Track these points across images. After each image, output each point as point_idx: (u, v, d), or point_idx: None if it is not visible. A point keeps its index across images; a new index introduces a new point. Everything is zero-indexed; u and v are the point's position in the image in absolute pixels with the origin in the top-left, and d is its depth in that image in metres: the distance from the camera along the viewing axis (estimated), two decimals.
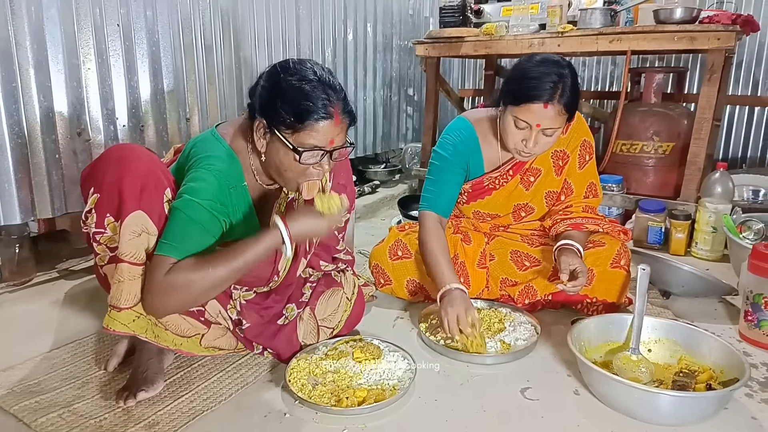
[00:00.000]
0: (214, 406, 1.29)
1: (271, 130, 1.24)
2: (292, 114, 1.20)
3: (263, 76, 1.27)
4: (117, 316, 1.22)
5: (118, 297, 1.22)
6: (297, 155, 1.22)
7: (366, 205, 3.12)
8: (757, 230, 2.19)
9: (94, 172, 1.27)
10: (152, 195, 1.23)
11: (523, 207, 1.82)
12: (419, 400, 1.33)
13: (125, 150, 1.27)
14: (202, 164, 1.27)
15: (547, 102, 1.49)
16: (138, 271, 1.23)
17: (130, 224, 1.21)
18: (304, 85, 1.20)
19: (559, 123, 1.53)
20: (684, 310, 1.85)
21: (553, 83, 1.48)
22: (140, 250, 1.22)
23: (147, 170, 1.23)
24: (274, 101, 1.22)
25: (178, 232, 1.20)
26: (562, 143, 1.74)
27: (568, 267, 1.57)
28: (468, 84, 4.41)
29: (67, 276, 1.92)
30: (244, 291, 1.47)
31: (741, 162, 3.42)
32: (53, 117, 1.79)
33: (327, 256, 1.66)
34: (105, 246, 1.26)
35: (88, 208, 1.26)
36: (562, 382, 1.42)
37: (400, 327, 1.73)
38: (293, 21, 2.74)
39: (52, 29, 1.74)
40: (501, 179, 1.77)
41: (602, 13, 2.59)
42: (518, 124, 1.55)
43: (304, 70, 1.23)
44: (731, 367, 1.33)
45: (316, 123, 1.20)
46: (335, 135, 1.24)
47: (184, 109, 2.21)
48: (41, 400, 1.30)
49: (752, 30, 2.58)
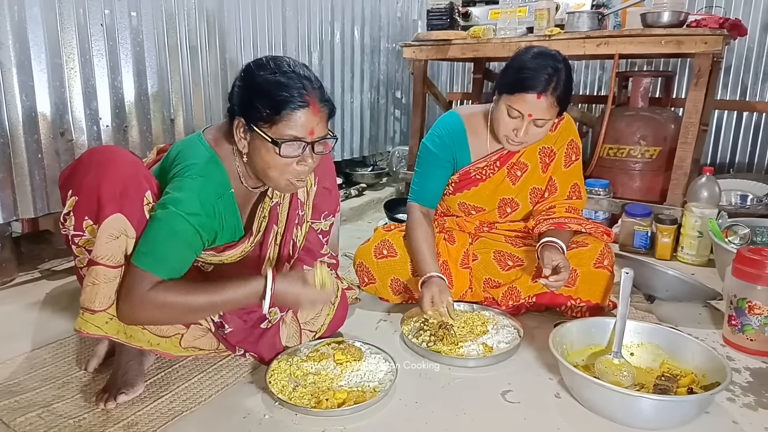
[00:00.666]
0: (193, 407, 1.28)
1: (251, 128, 1.23)
2: (269, 106, 1.19)
3: (238, 76, 1.27)
4: (90, 319, 1.21)
5: (92, 299, 1.21)
6: (277, 147, 1.20)
7: (352, 207, 3.11)
8: (742, 235, 2.20)
9: (73, 175, 1.25)
10: (132, 198, 1.21)
11: (509, 202, 1.83)
12: (400, 402, 1.32)
13: (105, 152, 1.25)
14: (188, 173, 1.25)
15: (541, 93, 1.53)
16: (113, 274, 1.22)
17: (108, 227, 1.19)
18: (279, 77, 1.20)
19: (550, 115, 1.57)
20: (668, 315, 1.85)
21: (548, 75, 1.53)
22: (117, 253, 1.21)
23: (126, 173, 1.22)
24: (250, 97, 1.21)
25: (160, 246, 1.19)
26: (550, 140, 1.77)
27: (551, 262, 1.58)
28: (456, 87, 4.42)
29: (49, 276, 1.90)
30: None
31: (729, 167, 3.45)
32: (36, 117, 1.78)
33: (310, 261, 1.64)
34: (83, 248, 1.25)
35: (66, 211, 1.25)
36: (544, 385, 1.41)
37: (383, 329, 1.73)
38: (279, 23, 2.74)
39: (34, 28, 1.73)
40: (488, 170, 1.78)
41: (590, 16, 2.60)
42: (511, 112, 1.58)
43: (278, 64, 1.23)
44: (713, 372, 1.33)
45: (293, 112, 1.19)
46: (314, 125, 1.23)
47: (169, 110, 2.20)
48: (20, 399, 1.29)
49: (740, 34, 2.59)
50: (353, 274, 1.92)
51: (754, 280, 1.55)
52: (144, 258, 1.19)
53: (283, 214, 1.48)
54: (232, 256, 1.41)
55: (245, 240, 1.41)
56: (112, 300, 1.22)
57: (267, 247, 1.47)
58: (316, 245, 1.64)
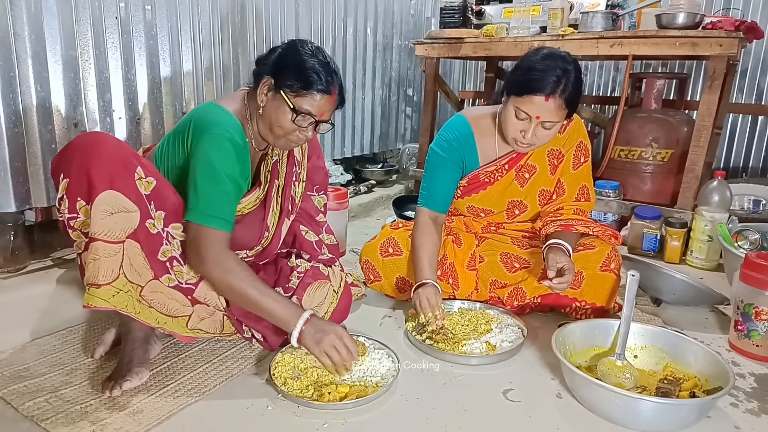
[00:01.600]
0: (198, 397, 1.30)
1: (276, 89, 1.39)
2: (301, 80, 1.37)
3: (282, 45, 1.45)
4: (96, 293, 1.24)
5: (96, 274, 1.24)
6: (294, 114, 1.38)
7: (361, 204, 3.12)
8: (753, 240, 2.18)
9: (63, 159, 1.30)
10: (122, 174, 1.27)
11: (517, 204, 1.82)
12: (401, 397, 1.33)
13: (92, 136, 1.32)
14: (215, 129, 1.36)
15: (549, 95, 1.51)
16: (113, 249, 1.25)
17: (101, 204, 1.23)
18: (316, 63, 1.39)
19: (558, 117, 1.55)
20: (674, 318, 1.84)
21: (557, 77, 1.51)
22: (114, 228, 1.25)
23: (114, 152, 1.28)
24: (288, 65, 1.39)
25: (219, 205, 1.35)
26: (558, 142, 1.75)
27: (555, 264, 1.57)
28: (469, 86, 4.41)
29: (60, 265, 1.93)
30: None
31: (742, 171, 3.40)
32: (50, 107, 1.80)
33: (306, 222, 1.76)
34: (80, 231, 1.28)
35: (60, 195, 1.28)
36: (546, 385, 1.42)
37: (388, 325, 1.74)
38: (292, 18, 2.75)
39: (50, 20, 1.76)
40: (497, 173, 1.77)
41: (604, 16, 2.58)
42: (519, 114, 1.57)
43: (318, 51, 1.43)
44: (716, 376, 1.32)
45: (317, 93, 1.38)
46: (326, 110, 1.42)
47: (181, 103, 2.22)
48: (29, 384, 1.32)
49: (756, 37, 2.56)
50: (360, 270, 1.93)
51: (761, 285, 1.54)
52: (208, 218, 1.33)
53: (283, 169, 1.62)
54: (247, 205, 1.54)
55: (256, 188, 1.55)
56: (116, 274, 1.25)
57: (270, 200, 1.58)
58: (313, 210, 1.78)
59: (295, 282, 1.58)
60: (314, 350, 1.32)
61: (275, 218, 1.62)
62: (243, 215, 1.54)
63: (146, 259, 1.31)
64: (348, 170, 3.36)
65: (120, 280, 1.26)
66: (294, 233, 1.72)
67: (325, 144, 3.13)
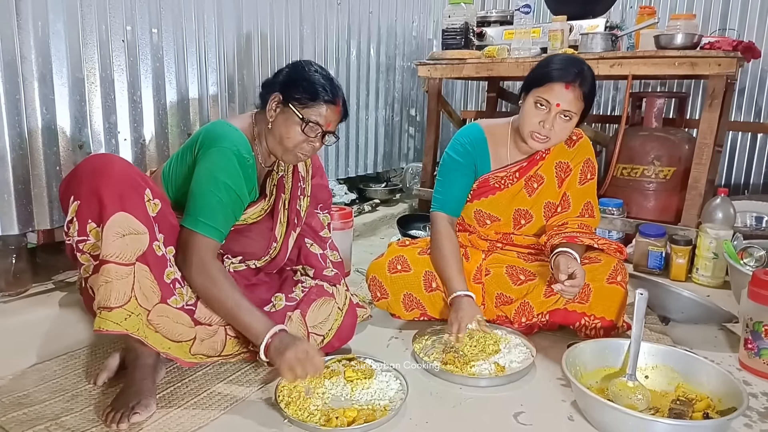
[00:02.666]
0: (203, 423, 1.28)
1: (285, 103, 1.47)
2: (308, 92, 1.45)
3: (288, 66, 1.55)
4: (108, 316, 1.22)
5: (107, 297, 1.23)
6: (303, 124, 1.45)
7: (366, 223, 3.12)
8: (758, 257, 2.16)
9: (72, 182, 1.30)
10: (133, 197, 1.28)
11: (524, 214, 1.84)
12: (410, 421, 1.31)
13: (101, 159, 1.34)
14: (222, 143, 1.41)
15: (570, 83, 1.60)
16: (125, 271, 1.24)
17: (113, 226, 1.24)
18: (321, 77, 1.48)
19: (576, 108, 1.63)
20: (683, 337, 1.82)
21: (577, 70, 1.62)
22: (126, 251, 1.25)
23: (124, 174, 1.29)
24: (295, 81, 1.47)
25: (213, 213, 1.39)
26: (567, 155, 1.80)
27: (567, 268, 1.57)
28: (471, 106, 4.44)
29: (62, 288, 1.91)
30: (237, 261, 1.60)
31: (744, 188, 3.41)
32: (55, 129, 1.81)
33: (311, 237, 1.79)
34: (89, 255, 1.27)
35: (70, 218, 1.28)
36: (557, 407, 1.39)
37: (395, 347, 1.72)
38: (297, 40, 2.77)
39: (57, 43, 1.77)
40: (507, 179, 1.81)
41: (603, 37, 2.61)
42: (540, 102, 1.64)
43: (322, 69, 1.53)
44: (729, 396, 1.30)
45: (323, 104, 1.46)
46: (332, 120, 1.50)
47: (186, 125, 2.23)
48: (29, 412, 1.29)
49: (753, 57, 2.59)
50: (366, 290, 1.91)
51: None
52: (201, 225, 1.37)
53: (288, 183, 1.67)
54: (252, 215, 1.58)
55: (261, 200, 1.60)
56: (128, 296, 1.24)
57: (278, 212, 1.63)
58: (318, 226, 1.83)
59: (299, 294, 1.60)
60: (276, 362, 1.30)
61: (282, 230, 1.65)
62: (250, 225, 1.58)
63: (154, 282, 1.30)
64: (352, 189, 3.36)
65: (131, 303, 1.25)
66: (299, 247, 1.74)
67: (329, 163, 3.14)
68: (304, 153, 1.51)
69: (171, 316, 1.34)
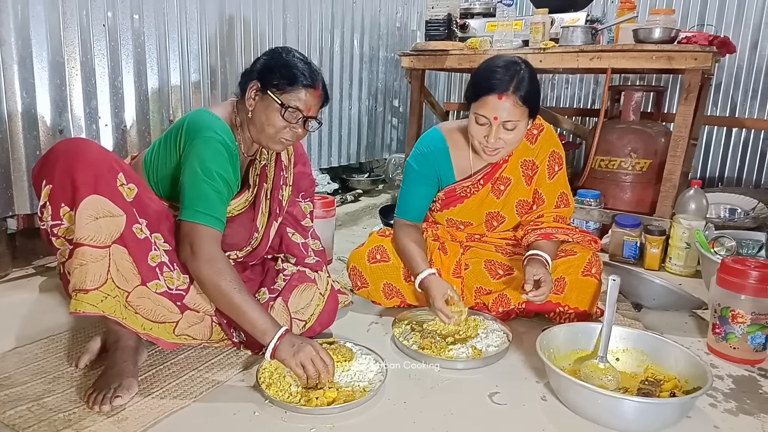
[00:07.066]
0: (184, 404, 1.29)
1: (263, 91, 1.45)
2: (286, 78, 1.43)
3: (264, 53, 1.52)
4: (84, 298, 1.22)
5: (83, 279, 1.23)
6: (283, 110, 1.43)
7: (348, 213, 3.13)
8: (729, 247, 2.23)
9: (45, 165, 1.29)
10: (108, 179, 1.28)
11: (495, 216, 1.86)
12: (388, 401, 1.34)
13: (74, 142, 1.32)
14: (208, 133, 1.40)
15: (502, 93, 1.53)
16: (100, 254, 1.24)
17: (86, 208, 1.23)
18: (299, 61, 1.46)
19: (516, 116, 1.55)
20: (655, 323, 1.88)
21: (509, 76, 1.54)
22: (100, 233, 1.25)
23: (98, 158, 1.28)
24: (272, 67, 1.45)
25: (211, 203, 1.37)
26: (531, 153, 1.78)
27: (532, 277, 1.60)
28: (454, 97, 4.47)
29: (43, 273, 1.90)
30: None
31: (718, 181, 3.50)
32: (35, 114, 1.79)
33: (293, 226, 1.78)
34: (64, 239, 1.27)
35: (42, 202, 1.27)
36: (531, 388, 1.44)
37: (375, 331, 1.75)
38: (280, 29, 2.77)
39: (37, 27, 1.75)
40: (473, 188, 1.81)
41: (583, 31, 2.65)
42: (478, 119, 1.59)
43: (299, 54, 1.50)
44: (696, 377, 1.36)
45: (302, 89, 1.44)
46: (313, 104, 1.48)
47: (168, 111, 2.23)
48: (11, 393, 1.29)
49: (728, 51, 2.66)
50: (347, 277, 1.94)
51: (737, 289, 1.58)
52: (202, 216, 1.36)
53: (271, 173, 1.66)
54: (236, 207, 1.57)
55: (245, 191, 1.59)
56: (103, 278, 1.24)
57: (260, 202, 1.62)
58: (300, 215, 1.81)
59: (281, 284, 1.60)
60: (290, 362, 1.31)
61: (264, 220, 1.65)
62: (233, 217, 1.56)
63: (134, 265, 1.30)
64: (335, 179, 3.38)
65: (108, 284, 1.25)
66: (281, 236, 1.74)
67: (312, 153, 3.15)
68: (287, 140, 1.49)
69: (152, 298, 1.35)
